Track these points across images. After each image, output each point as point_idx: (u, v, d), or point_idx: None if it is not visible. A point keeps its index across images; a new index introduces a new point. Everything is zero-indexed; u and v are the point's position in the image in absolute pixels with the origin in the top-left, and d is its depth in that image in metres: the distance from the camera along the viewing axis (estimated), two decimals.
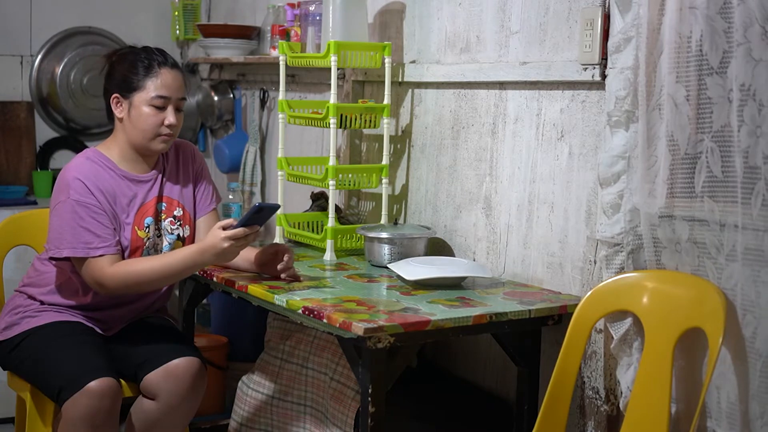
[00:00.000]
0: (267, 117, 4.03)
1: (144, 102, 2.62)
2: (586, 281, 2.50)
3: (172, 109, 2.64)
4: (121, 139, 2.69)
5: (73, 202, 2.56)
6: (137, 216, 2.67)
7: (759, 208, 1.96)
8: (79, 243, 2.55)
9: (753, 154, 1.96)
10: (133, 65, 2.64)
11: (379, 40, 3.25)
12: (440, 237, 2.99)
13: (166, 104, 2.63)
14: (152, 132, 2.63)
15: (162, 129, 2.63)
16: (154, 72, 2.63)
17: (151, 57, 2.66)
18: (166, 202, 2.76)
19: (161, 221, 2.74)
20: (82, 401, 2.44)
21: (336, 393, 2.76)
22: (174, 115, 2.64)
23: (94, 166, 2.65)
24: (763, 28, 1.92)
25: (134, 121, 2.63)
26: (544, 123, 2.64)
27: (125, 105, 2.64)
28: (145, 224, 2.69)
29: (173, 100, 2.64)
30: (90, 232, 2.56)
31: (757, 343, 2.01)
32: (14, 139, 4.28)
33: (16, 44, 4.33)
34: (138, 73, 2.63)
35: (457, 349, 2.97)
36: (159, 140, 2.65)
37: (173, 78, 2.65)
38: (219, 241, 2.48)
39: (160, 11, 4.64)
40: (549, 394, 2.29)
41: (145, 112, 2.62)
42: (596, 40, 2.41)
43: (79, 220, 2.56)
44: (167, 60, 2.67)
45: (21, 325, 2.70)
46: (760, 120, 1.94)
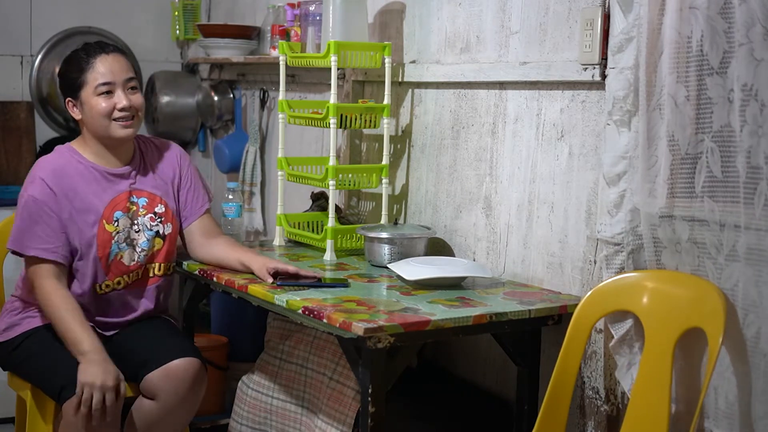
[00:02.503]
0: (267, 117, 4.03)
1: (91, 95, 2.66)
2: (586, 281, 2.50)
3: (122, 92, 2.67)
4: (89, 138, 2.73)
5: (28, 197, 2.63)
6: (107, 209, 2.69)
7: (762, 207, 1.96)
8: (23, 239, 2.62)
9: (755, 154, 1.96)
10: (73, 65, 2.70)
11: (379, 40, 3.25)
12: (440, 237, 2.99)
13: (112, 89, 2.66)
14: (107, 119, 2.66)
15: (116, 114, 2.66)
16: (90, 64, 2.67)
17: (87, 51, 2.71)
18: (147, 197, 2.77)
19: (140, 216, 2.74)
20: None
21: (336, 393, 2.76)
22: (125, 97, 2.67)
23: (63, 162, 2.69)
24: (765, 29, 1.92)
25: (89, 115, 2.68)
26: (544, 123, 2.64)
27: (78, 105, 2.70)
28: (114, 218, 2.69)
29: (119, 83, 2.67)
30: (35, 233, 2.61)
31: (762, 344, 2.01)
32: (14, 139, 4.28)
33: (16, 44, 4.33)
34: (78, 71, 2.68)
35: (457, 349, 2.97)
36: (118, 126, 2.67)
37: (111, 62, 2.68)
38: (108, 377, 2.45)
39: (160, 11, 4.64)
40: (549, 394, 2.29)
41: (95, 103, 2.66)
42: (596, 40, 2.41)
43: (29, 219, 2.62)
44: (104, 48, 2.71)
45: (21, 325, 2.71)
46: (761, 120, 1.94)
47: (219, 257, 2.80)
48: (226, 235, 2.95)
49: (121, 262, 2.71)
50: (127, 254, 2.72)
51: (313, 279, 2.59)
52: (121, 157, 2.76)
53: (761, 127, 1.94)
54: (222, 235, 2.91)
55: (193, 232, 2.85)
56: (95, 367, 2.47)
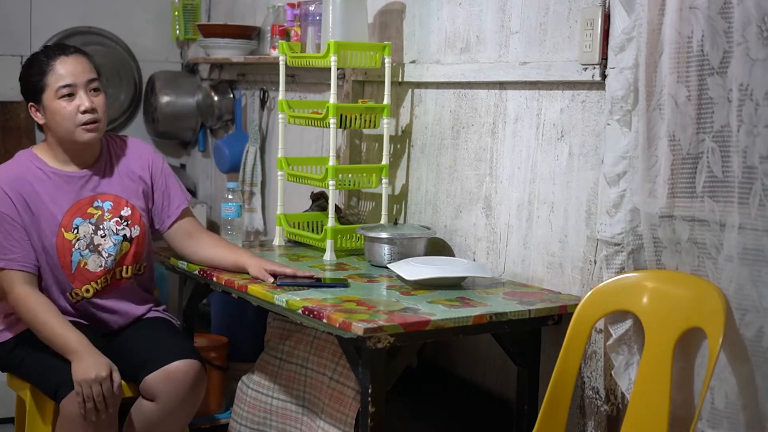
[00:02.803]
0: (267, 117, 4.03)
1: (52, 98, 2.61)
2: (586, 281, 2.50)
3: (84, 94, 2.61)
4: (52, 143, 2.68)
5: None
6: (65, 217, 2.64)
7: (756, 208, 1.96)
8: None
9: (750, 154, 1.96)
10: (33, 69, 2.65)
11: (379, 40, 3.25)
12: (440, 237, 2.99)
13: (73, 91, 2.61)
14: (71, 122, 2.61)
15: (79, 117, 2.60)
16: (50, 67, 2.61)
17: (47, 54, 2.65)
18: (113, 201, 2.71)
19: (105, 221, 2.68)
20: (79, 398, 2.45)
21: (336, 393, 2.76)
22: (88, 99, 2.61)
23: (21, 169, 2.64)
24: (759, 28, 1.92)
25: (53, 120, 2.62)
26: (544, 123, 2.64)
27: (41, 110, 2.64)
28: (73, 225, 2.65)
29: (80, 84, 2.62)
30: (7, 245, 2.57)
31: (765, 342, 2.00)
32: (14, 139, 4.27)
33: (16, 44, 4.33)
34: (39, 74, 2.62)
35: (457, 349, 2.97)
36: (82, 130, 2.62)
37: (72, 64, 2.62)
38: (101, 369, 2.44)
39: (160, 11, 4.65)
40: (549, 394, 2.29)
41: (57, 106, 2.60)
42: (596, 40, 2.41)
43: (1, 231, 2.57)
44: (64, 50, 2.65)
45: (18, 326, 2.69)
46: (756, 119, 1.94)
47: (212, 259, 2.78)
48: (210, 234, 2.90)
49: (86, 269, 2.66)
50: (92, 260, 2.67)
51: (310, 279, 2.59)
52: (86, 159, 2.70)
53: (756, 127, 1.94)
54: (205, 233, 2.87)
55: (173, 236, 2.82)
56: (85, 362, 2.46)
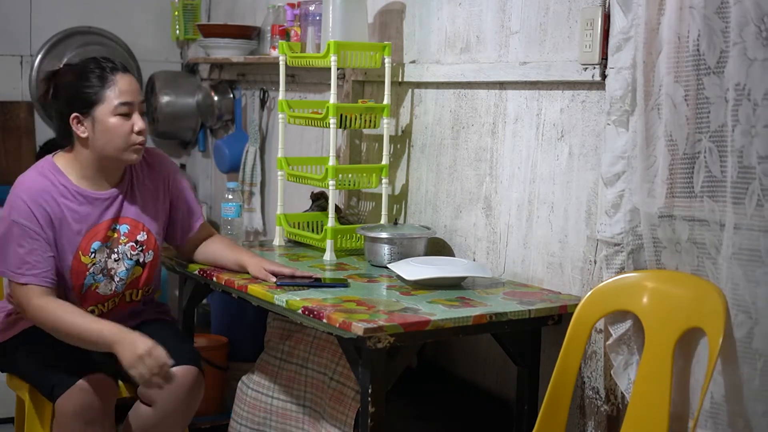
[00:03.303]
0: (267, 117, 4.03)
1: (108, 113, 2.50)
2: (586, 281, 2.50)
3: (138, 115, 2.54)
4: (84, 158, 2.56)
5: (12, 222, 2.48)
6: (84, 240, 2.56)
7: (754, 207, 1.96)
8: (9, 264, 2.49)
9: (747, 154, 1.96)
10: (85, 78, 2.51)
11: (379, 40, 3.25)
12: (440, 237, 2.99)
13: (131, 111, 2.52)
14: (124, 142, 2.52)
15: (133, 137, 2.52)
16: (109, 80, 2.50)
17: (101, 66, 2.53)
18: (130, 224, 2.64)
19: (120, 245, 2.62)
20: (75, 397, 2.44)
21: (336, 393, 2.76)
22: (141, 120, 2.54)
23: (45, 183, 2.53)
24: (758, 28, 1.92)
25: (102, 136, 2.51)
26: (544, 123, 2.64)
27: (88, 123, 2.51)
28: (91, 249, 2.57)
29: (136, 104, 2.54)
30: (21, 257, 2.48)
31: (755, 343, 2.00)
32: (14, 139, 4.28)
33: (16, 44, 4.34)
34: (93, 86, 2.50)
35: (457, 349, 2.97)
36: (132, 150, 2.54)
37: (130, 82, 2.54)
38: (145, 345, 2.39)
39: (160, 11, 4.65)
40: (549, 394, 2.29)
41: (112, 123, 2.50)
42: (596, 40, 2.41)
43: (14, 242, 2.48)
44: (118, 66, 2.55)
45: (16, 327, 2.67)
46: (754, 120, 1.94)
47: (214, 258, 2.79)
48: (218, 235, 2.91)
49: (96, 292, 2.61)
50: (103, 285, 2.61)
51: (310, 279, 2.59)
52: (111, 179, 2.61)
53: (754, 127, 1.94)
54: (216, 235, 2.88)
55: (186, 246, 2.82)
56: (128, 344, 2.39)
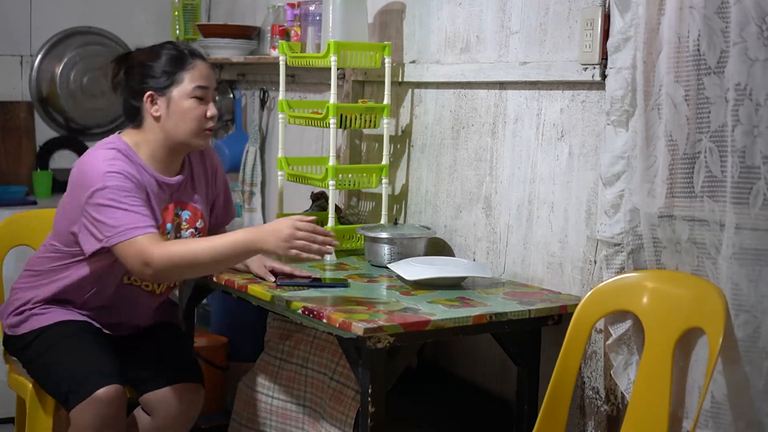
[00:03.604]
0: (267, 117, 4.03)
1: (185, 95, 2.53)
2: (586, 281, 2.50)
3: (211, 101, 2.58)
4: (154, 138, 2.56)
5: (112, 188, 2.41)
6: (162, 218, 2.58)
7: (759, 207, 1.96)
8: (125, 227, 2.38)
9: (750, 154, 1.96)
10: (172, 59, 2.55)
11: (379, 40, 3.25)
12: (440, 237, 2.99)
13: (206, 95, 2.55)
14: (198, 126, 2.54)
15: (206, 123, 2.55)
16: (189, 64, 2.55)
17: (181, 50, 2.58)
18: (191, 211, 2.67)
19: (182, 230, 2.65)
20: (90, 409, 2.41)
21: (336, 393, 2.76)
22: (214, 107, 2.57)
23: (123, 158, 2.50)
24: (759, 28, 1.92)
25: (176, 117, 2.53)
26: (544, 123, 2.64)
27: (162, 102, 2.54)
28: (166, 230, 2.61)
29: (210, 90, 2.58)
30: (134, 213, 2.40)
31: (762, 342, 2.00)
32: (14, 139, 4.27)
33: (16, 44, 4.33)
34: (173, 66, 2.54)
35: (457, 349, 2.97)
36: (202, 135, 2.57)
37: (208, 69, 2.59)
38: (286, 224, 2.28)
39: (160, 11, 4.64)
40: (549, 394, 2.29)
41: (188, 105, 2.53)
42: (596, 40, 2.41)
43: (113, 207, 2.40)
44: (196, 52, 2.61)
45: (29, 322, 2.63)
46: (757, 120, 1.94)
47: None
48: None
49: None
50: None
51: (310, 279, 2.59)
52: (175, 166, 2.63)
53: (756, 127, 1.94)
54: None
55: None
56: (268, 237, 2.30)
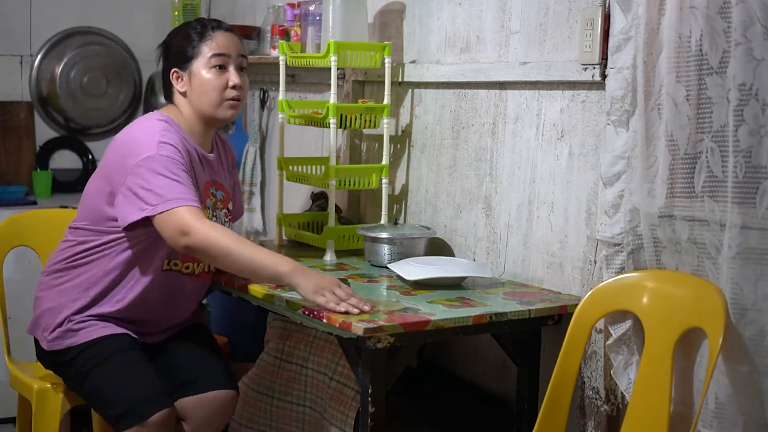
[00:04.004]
0: (267, 117, 4.03)
1: (203, 66, 2.54)
2: (586, 281, 2.50)
3: (234, 69, 2.56)
4: (187, 113, 2.58)
5: (165, 156, 2.40)
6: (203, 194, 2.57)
7: (765, 207, 1.96)
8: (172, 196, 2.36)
9: (756, 154, 1.96)
10: (187, 35, 2.58)
11: (379, 40, 3.25)
12: (440, 237, 2.99)
13: (226, 62, 2.55)
14: (218, 96, 2.54)
15: (228, 92, 2.54)
16: (207, 36, 2.56)
17: (203, 24, 2.59)
18: (224, 192, 2.68)
19: (217, 209, 2.65)
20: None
21: (336, 393, 2.76)
22: (237, 75, 2.56)
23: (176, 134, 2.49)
24: (764, 28, 1.92)
25: (197, 89, 2.54)
26: (544, 123, 2.64)
27: (186, 77, 2.56)
28: (207, 205, 2.59)
29: (233, 57, 2.56)
30: (182, 185, 2.39)
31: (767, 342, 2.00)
32: (14, 139, 4.27)
33: (16, 44, 4.33)
34: (193, 41, 2.56)
35: (457, 349, 2.97)
36: (226, 105, 2.55)
37: (229, 38, 2.58)
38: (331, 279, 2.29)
39: (160, 11, 4.64)
40: (549, 394, 2.29)
41: (207, 76, 2.54)
42: (596, 40, 2.41)
43: (171, 175, 2.38)
44: (221, 24, 2.61)
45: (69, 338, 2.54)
46: (764, 120, 1.94)
47: None
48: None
49: None
50: None
51: None
52: (209, 142, 2.63)
53: (763, 127, 1.94)
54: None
55: None
56: (311, 276, 2.30)
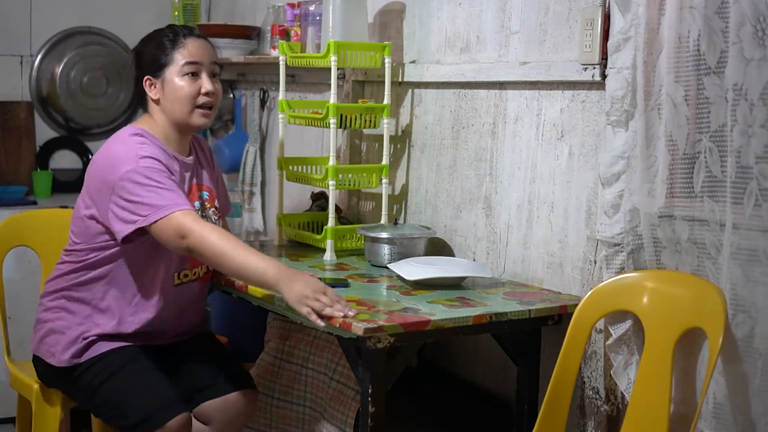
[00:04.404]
0: (267, 117, 4.03)
1: (175, 74, 2.55)
2: (586, 281, 2.50)
3: (207, 76, 2.57)
4: (161, 121, 2.59)
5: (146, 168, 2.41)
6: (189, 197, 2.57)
7: (752, 207, 1.96)
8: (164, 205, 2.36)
9: (745, 154, 1.96)
10: (159, 42, 2.58)
11: (379, 40, 3.25)
12: (440, 237, 2.99)
13: (198, 70, 2.56)
14: (190, 103, 2.55)
15: (200, 99, 2.55)
16: (180, 43, 2.56)
17: (175, 31, 2.60)
18: (208, 191, 2.70)
19: (206, 209, 2.67)
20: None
21: (336, 393, 2.76)
22: (210, 82, 2.57)
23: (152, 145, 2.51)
24: (754, 27, 1.92)
25: (170, 96, 2.55)
26: (544, 123, 2.64)
27: (158, 84, 2.57)
28: (196, 207, 2.60)
29: (205, 65, 2.57)
30: (170, 191, 2.40)
31: (756, 342, 2.01)
32: (14, 139, 4.27)
33: (16, 44, 4.33)
34: (165, 48, 2.56)
35: (457, 349, 2.97)
36: (199, 113, 2.56)
37: (201, 45, 2.59)
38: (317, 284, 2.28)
39: (160, 11, 4.64)
40: (549, 394, 2.29)
41: (179, 83, 2.55)
42: (596, 40, 2.41)
43: (156, 184, 2.39)
44: (192, 31, 2.62)
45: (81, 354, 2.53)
46: (751, 119, 1.94)
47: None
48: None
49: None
50: None
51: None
52: (185, 147, 2.64)
53: (751, 127, 1.94)
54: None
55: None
56: (294, 284, 2.28)
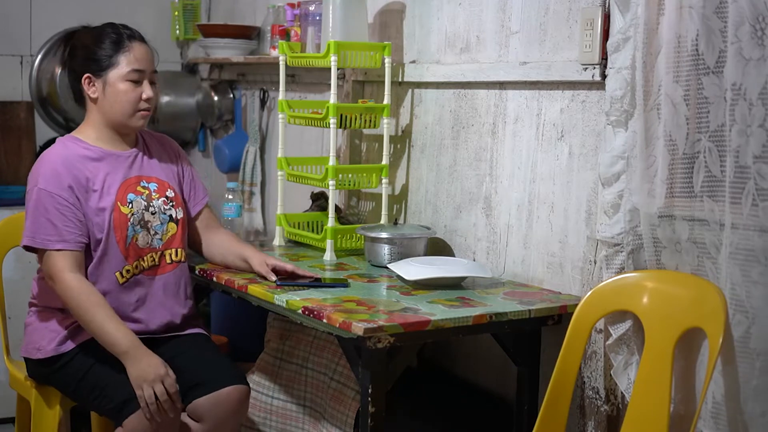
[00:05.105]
0: (267, 117, 4.03)
1: (119, 78, 2.59)
2: (586, 281, 2.50)
3: (148, 83, 2.62)
4: (97, 120, 2.65)
5: (40, 190, 2.53)
6: (120, 191, 2.61)
7: (749, 207, 1.96)
8: (39, 234, 2.52)
9: (743, 153, 1.96)
10: (101, 42, 2.61)
11: (379, 40, 3.25)
12: (440, 237, 2.99)
13: (141, 78, 2.61)
14: (132, 108, 2.61)
15: (141, 104, 2.61)
16: (125, 46, 2.60)
17: (118, 32, 2.63)
18: (157, 182, 2.71)
19: (154, 200, 2.67)
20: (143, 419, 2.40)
21: (336, 393, 2.76)
22: (150, 89, 2.62)
23: (67, 152, 2.59)
24: (753, 27, 1.92)
25: (111, 99, 2.60)
26: (544, 123, 2.64)
27: (99, 84, 2.61)
28: (128, 200, 2.62)
29: (147, 73, 2.62)
30: (52, 224, 2.51)
31: (753, 343, 2.01)
32: (14, 139, 4.27)
33: (16, 44, 4.33)
34: (108, 49, 2.60)
35: (457, 349, 2.97)
36: (138, 116, 2.62)
37: (145, 51, 2.64)
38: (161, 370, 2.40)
39: (160, 11, 4.64)
40: (549, 394, 2.29)
41: (122, 88, 2.59)
42: (596, 40, 2.41)
43: (44, 212, 2.51)
44: (135, 34, 2.65)
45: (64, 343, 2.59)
46: (750, 119, 1.94)
47: (220, 251, 2.80)
48: (226, 230, 2.94)
49: (136, 244, 2.62)
50: (142, 237, 2.62)
51: (310, 279, 2.59)
52: (127, 142, 2.69)
53: (749, 127, 1.94)
54: (222, 228, 2.92)
55: (194, 225, 2.82)
56: (141, 362, 2.41)
